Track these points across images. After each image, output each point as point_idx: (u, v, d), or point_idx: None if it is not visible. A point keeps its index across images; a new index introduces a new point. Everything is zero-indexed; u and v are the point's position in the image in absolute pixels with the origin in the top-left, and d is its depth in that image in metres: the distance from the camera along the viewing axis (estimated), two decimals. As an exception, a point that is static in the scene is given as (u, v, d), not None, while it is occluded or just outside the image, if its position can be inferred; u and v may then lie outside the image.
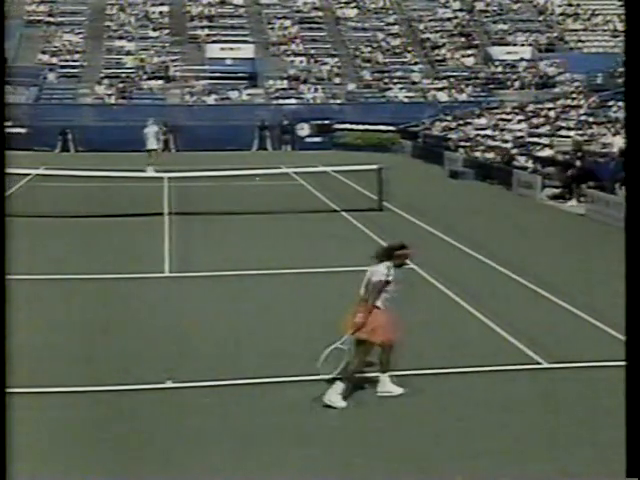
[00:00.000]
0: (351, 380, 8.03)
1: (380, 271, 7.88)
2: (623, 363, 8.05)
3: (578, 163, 22.96)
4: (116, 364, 9.31)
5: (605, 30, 48.15)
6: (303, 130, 39.66)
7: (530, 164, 25.82)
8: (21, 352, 8.29)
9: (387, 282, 7.86)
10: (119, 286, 13.21)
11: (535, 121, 33.45)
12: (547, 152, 26.56)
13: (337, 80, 44.30)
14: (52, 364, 9.28)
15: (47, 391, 8.39)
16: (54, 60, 43.46)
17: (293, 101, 42.29)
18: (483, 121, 36.21)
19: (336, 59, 45.69)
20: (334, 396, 7.86)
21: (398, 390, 8.25)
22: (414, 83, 44.07)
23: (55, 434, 7.41)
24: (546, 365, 9.23)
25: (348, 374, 7.96)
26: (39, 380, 8.60)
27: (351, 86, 43.76)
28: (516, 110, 36.93)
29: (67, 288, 13.06)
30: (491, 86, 44.04)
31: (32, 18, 46.38)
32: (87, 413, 7.97)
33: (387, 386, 8.25)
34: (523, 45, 46.89)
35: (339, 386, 7.88)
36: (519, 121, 34.19)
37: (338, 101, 42.69)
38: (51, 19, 46.81)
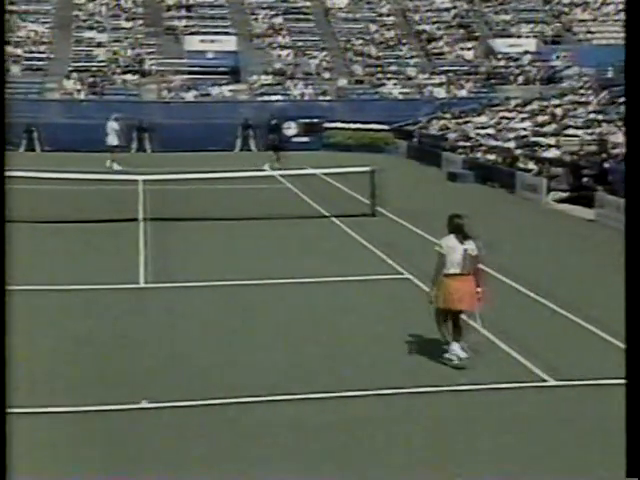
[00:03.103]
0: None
1: (474, 246, 9.70)
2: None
3: (606, 164, 23.01)
4: (85, 382, 9.28)
5: (616, 20, 48.40)
6: (290, 129, 39.67)
7: (534, 165, 25.92)
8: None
9: None
10: (89, 297, 13.16)
11: (540, 119, 33.58)
12: (553, 153, 26.68)
13: (326, 75, 44.41)
14: (19, 381, 9.22)
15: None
16: (18, 51, 43.35)
17: (279, 98, 42.34)
18: (484, 119, 36.35)
19: (325, 52, 45.79)
20: (459, 352, 9.70)
21: (464, 354, 9.74)
22: (409, 78, 44.22)
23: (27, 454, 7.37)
24: (553, 383, 9.27)
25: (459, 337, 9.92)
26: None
27: (342, 82, 43.87)
28: (519, 107, 37.10)
29: (30, 299, 13.00)
30: (493, 81, 44.25)
31: (-6, 6, 46.31)
32: (60, 433, 7.95)
33: (459, 351, 9.71)
34: (527, 37, 47.15)
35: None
36: (523, 119, 34.33)
37: (328, 98, 42.78)
38: (14, 7, 46.75)
